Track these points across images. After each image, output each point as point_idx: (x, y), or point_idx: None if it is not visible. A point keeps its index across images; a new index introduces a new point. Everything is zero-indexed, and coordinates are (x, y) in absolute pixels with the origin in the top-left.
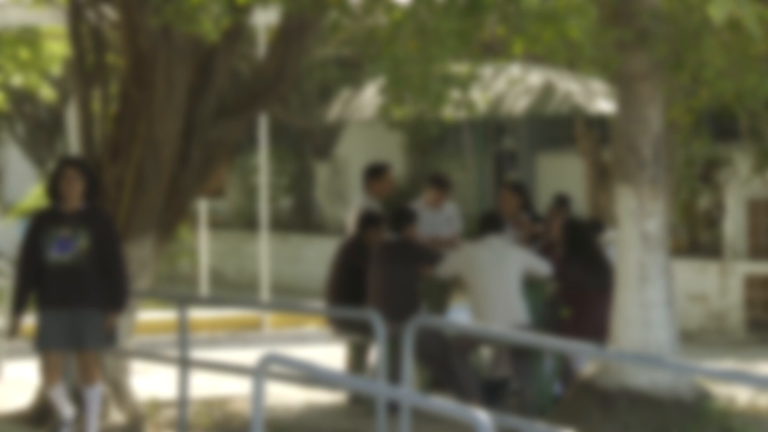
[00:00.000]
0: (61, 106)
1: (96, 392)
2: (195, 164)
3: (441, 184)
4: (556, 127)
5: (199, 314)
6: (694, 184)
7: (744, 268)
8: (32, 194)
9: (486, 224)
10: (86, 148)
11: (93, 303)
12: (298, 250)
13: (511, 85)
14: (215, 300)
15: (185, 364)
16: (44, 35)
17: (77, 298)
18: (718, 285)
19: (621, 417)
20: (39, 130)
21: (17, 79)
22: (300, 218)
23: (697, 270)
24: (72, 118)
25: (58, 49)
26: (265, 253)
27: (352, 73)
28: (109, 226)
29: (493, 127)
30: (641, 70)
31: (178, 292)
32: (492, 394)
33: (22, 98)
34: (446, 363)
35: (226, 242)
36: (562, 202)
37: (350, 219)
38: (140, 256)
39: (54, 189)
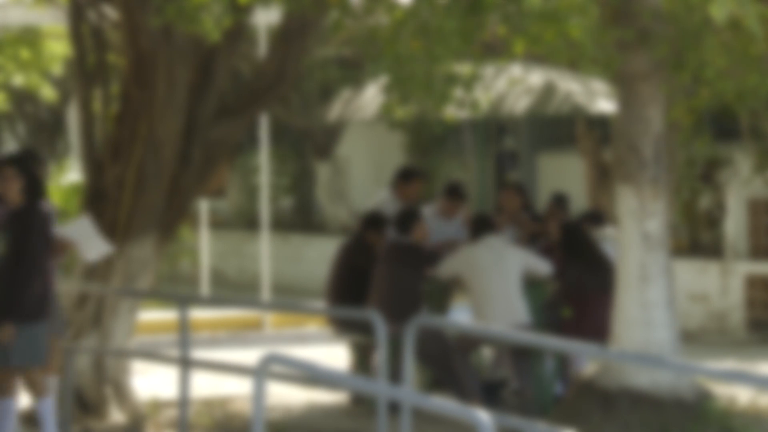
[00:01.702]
0: (61, 106)
1: (42, 407)
2: (196, 164)
3: (455, 196)
4: (557, 127)
5: (199, 314)
6: (695, 184)
7: (745, 268)
8: None
9: (479, 226)
10: (87, 148)
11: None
12: (299, 250)
13: (512, 85)
14: (216, 300)
15: (186, 364)
16: (45, 35)
17: None
18: (718, 285)
19: (622, 417)
20: (40, 130)
21: (18, 79)
22: (301, 218)
23: (698, 270)
24: (73, 118)
25: (58, 49)
26: (265, 253)
27: (353, 73)
28: (28, 227)
29: (494, 127)
30: (642, 70)
31: (179, 292)
32: (492, 394)
33: (23, 98)
34: (447, 363)
35: (226, 242)
36: (560, 201)
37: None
38: (141, 256)
39: None
